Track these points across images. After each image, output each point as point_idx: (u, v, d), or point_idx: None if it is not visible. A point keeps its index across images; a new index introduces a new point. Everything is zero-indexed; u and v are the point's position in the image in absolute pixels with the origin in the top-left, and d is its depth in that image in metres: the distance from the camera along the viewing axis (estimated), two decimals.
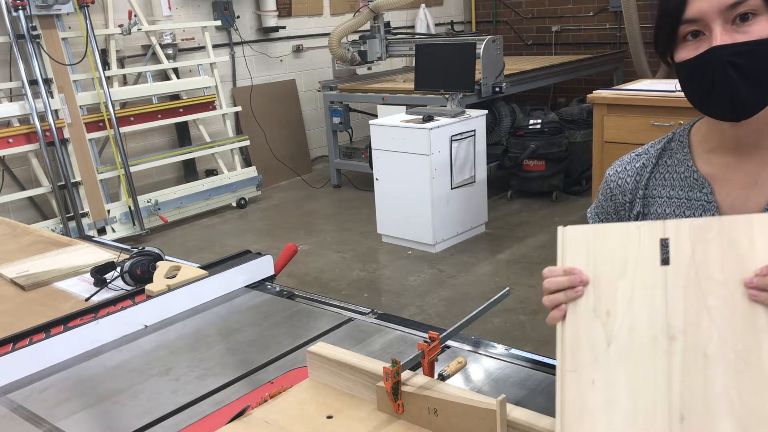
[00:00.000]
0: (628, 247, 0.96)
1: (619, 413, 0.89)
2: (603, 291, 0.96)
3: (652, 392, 0.88)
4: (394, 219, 4.89)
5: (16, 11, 4.76)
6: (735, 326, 0.88)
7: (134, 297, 1.75)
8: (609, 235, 0.98)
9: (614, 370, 0.91)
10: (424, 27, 7.74)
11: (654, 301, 0.92)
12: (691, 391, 0.87)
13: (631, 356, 0.91)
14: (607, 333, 0.93)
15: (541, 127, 5.72)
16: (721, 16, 0.97)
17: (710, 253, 0.92)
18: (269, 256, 1.95)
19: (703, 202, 1.08)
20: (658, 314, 0.92)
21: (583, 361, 0.93)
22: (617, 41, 7.74)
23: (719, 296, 0.89)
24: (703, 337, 0.88)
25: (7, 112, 4.89)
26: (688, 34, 1.01)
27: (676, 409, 0.87)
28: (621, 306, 0.94)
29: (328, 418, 1.19)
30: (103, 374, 1.47)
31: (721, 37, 0.97)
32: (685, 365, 0.88)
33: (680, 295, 0.91)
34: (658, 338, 0.90)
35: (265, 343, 1.54)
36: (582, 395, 0.91)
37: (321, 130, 7.23)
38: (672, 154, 1.16)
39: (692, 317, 0.90)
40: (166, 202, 5.52)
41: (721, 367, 0.86)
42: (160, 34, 5.77)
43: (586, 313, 0.96)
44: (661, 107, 3.89)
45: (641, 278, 0.94)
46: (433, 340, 1.22)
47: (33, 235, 2.42)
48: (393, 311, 2.81)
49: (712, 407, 0.85)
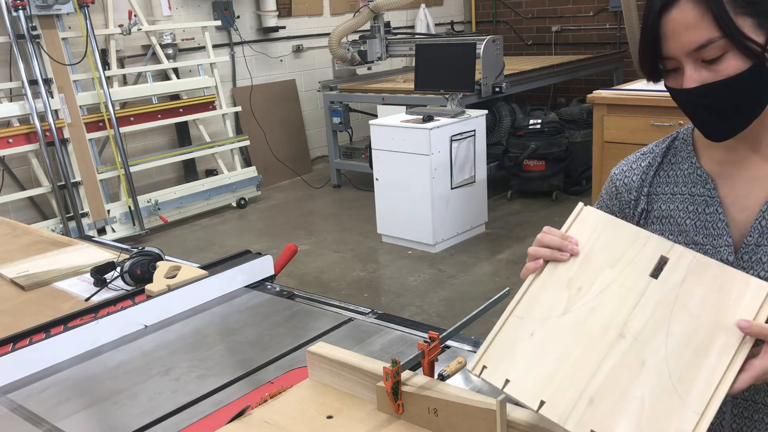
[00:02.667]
0: (629, 248, 1.00)
1: (539, 371, 0.93)
2: (586, 270, 1.00)
3: (577, 368, 0.92)
4: (394, 219, 4.89)
5: (16, 11, 4.76)
6: (684, 355, 0.91)
7: (134, 297, 1.75)
8: (619, 230, 1.03)
9: (556, 335, 0.96)
10: (424, 27, 7.74)
11: (625, 300, 0.96)
12: (613, 384, 0.90)
13: (578, 332, 0.95)
14: (569, 304, 0.98)
15: (541, 127, 5.71)
16: (690, 57, 1.00)
17: (697, 288, 0.95)
18: (269, 256, 1.94)
19: (706, 198, 1.10)
20: (622, 312, 0.95)
21: (533, 314, 0.98)
22: (617, 41, 7.74)
23: (684, 325, 0.93)
24: (649, 349, 0.92)
25: (7, 112, 4.89)
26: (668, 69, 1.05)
27: (591, 391, 0.90)
28: (594, 289, 0.98)
29: (328, 418, 1.19)
30: (103, 374, 1.47)
31: (690, 77, 1.00)
32: (620, 363, 0.91)
33: (651, 306, 0.95)
34: (610, 330, 0.94)
35: (265, 343, 1.54)
36: (515, 340, 0.96)
37: (321, 130, 7.23)
38: (676, 152, 1.18)
39: (650, 329, 0.93)
40: (166, 202, 5.52)
41: (652, 379, 0.90)
42: (160, 34, 5.77)
43: (561, 279, 1.00)
44: (661, 107, 3.89)
45: (626, 277, 0.98)
46: (433, 340, 1.22)
47: (33, 235, 2.42)
48: (393, 311, 2.81)
49: (622, 405, 0.89)
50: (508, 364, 0.95)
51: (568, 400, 0.90)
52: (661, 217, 1.15)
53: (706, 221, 1.09)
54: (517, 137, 5.75)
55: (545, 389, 0.92)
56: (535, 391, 0.92)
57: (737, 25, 0.95)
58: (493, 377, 0.95)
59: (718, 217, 1.08)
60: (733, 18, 0.95)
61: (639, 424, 0.87)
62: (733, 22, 0.95)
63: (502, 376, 0.95)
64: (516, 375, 0.94)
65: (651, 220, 1.17)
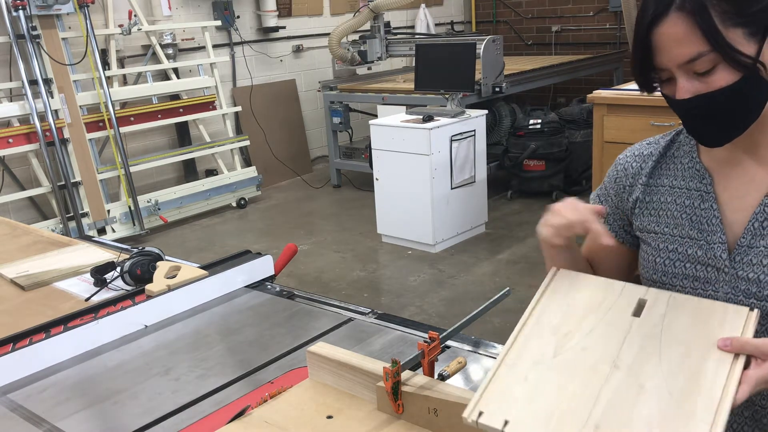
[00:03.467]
0: (607, 295, 1.06)
1: (537, 408, 0.93)
2: (570, 317, 1.04)
3: (576, 401, 0.92)
4: (394, 219, 4.89)
5: (16, 11, 4.76)
6: (680, 375, 0.91)
7: (134, 297, 1.75)
8: (593, 283, 1.08)
9: (550, 375, 0.97)
10: (424, 27, 7.74)
11: (612, 338, 0.99)
12: (615, 409, 0.90)
13: (572, 369, 0.97)
14: (558, 347, 1.00)
15: (541, 127, 5.71)
16: (681, 69, 1.01)
17: (680, 319, 0.98)
18: (269, 256, 1.94)
19: (702, 192, 1.10)
20: (610, 349, 0.98)
21: (524, 361, 1.00)
22: (617, 41, 7.74)
23: (676, 350, 0.95)
24: (646, 373, 0.93)
25: (7, 112, 4.89)
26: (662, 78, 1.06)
27: (595, 419, 0.90)
28: (581, 332, 1.01)
29: (328, 418, 1.19)
30: (103, 374, 1.47)
31: (683, 88, 1.02)
32: (618, 390, 0.92)
33: (638, 341, 0.98)
34: (603, 365, 0.96)
35: (265, 343, 1.54)
36: (511, 386, 0.97)
37: (321, 130, 7.23)
38: (679, 146, 1.18)
39: (642, 357, 0.96)
40: (166, 202, 5.52)
41: (654, 400, 0.90)
42: (160, 34, 5.77)
43: (546, 328, 1.03)
44: (661, 107, 3.88)
45: (609, 319, 1.02)
46: (433, 340, 1.22)
47: (33, 235, 2.42)
48: (393, 311, 2.81)
49: (630, 427, 0.88)
50: (506, 406, 0.95)
51: (573, 430, 0.90)
52: (658, 209, 1.16)
53: (700, 216, 1.10)
54: (517, 137, 5.75)
55: (547, 425, 0.91)
56: (537, 429, 0.92)
57: (726, 38, 0.96)
58: (491, 420, 0.94)
59: (712, 213, 1.08)
60: (722, 31, 0.95)
61: None
62: (722, 36, 0.95)
63: (501, 418, 0.94)
64: (515, 415, 0.93)
65: (647, 212, 1.17)
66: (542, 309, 1.08)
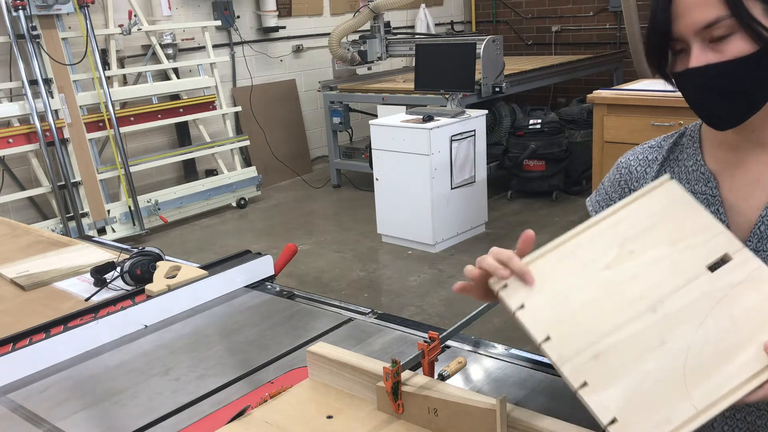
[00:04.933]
0: (698, 234, 0.96)
1: (557, 308, 0.92)
2: (645, 238, 0.96)
3: (596, 321, 0.90)
4: (394, 219, 4.89)
5: (16, 11, 4.76)
6: (707, 351, 0.88)
7: (134, 297, 1.75)
8: (695, 214, 0.98)
9: (588, 284, 0.93)
10: (424, 27, 7.74)
11: (672, 279, 0.93)
12: (624, 350, 0.88)
13: (611, 289, 0.93)
14: (614, 261, 0.95)
15: (541, 127, 5.71)
16: (698, 36, 1.00)
17: (749, 296, 0.91)
18: (269, 256, 1.94)
19: (707, 196, 1.09)
20: (663, 288, 0.92)
21: (574, 259, 0.96)
22: (617, 41, 7.74)
23: (720, 325, 0.89)
24: (675, 332, 0.89)
25: (7, 112, 4.89)
26: (675, 51, 1.05)
27: (599, 347, 0.88)
28: (646, 258, 0.95)
29: (328, 418, 1.19)
30: (103, 374, 1.47)
31: (696, 57, 1.00)
32: (640, 333, 0.89)
33: (694, 295, 0.92)
34: (644, 301, 0.91)
35: (265, 343, 1.54)
36: (546, 273, 0.94)
37: (321, 130, 7.23)
38: (683, 149, 1.17)
39: (684, 315, 0.90)
40: (166, 202, 5.52)
41: (665, 361, 0.87)
42: (160, 34, 5.77)
43: (617, 237, 0.97)
44: (661, 107, 3.89)
45: (682, 259, 0.95)
46: (433, 340, 1.22)
47: (33, 235, 2.42)
48: (393, 311, 2.81)
49: (624, 372, 0.87)
50: (530, 291, 0.93)
51: (574, 346, 0.89)
52: None
53: None
54: (517, 137, 5.75)
55: (556, 327, 0.90)
56: (546, 326, 0.90)
57: (746, 6, 0.96)
58: (510, 298, 0.93)
59: (718, 218, 1.07)
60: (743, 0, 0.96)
61: (633, 396, 0.86)
62: (741, 3, 0.96)
63: (519, 300, 0.93)
64: (533, 304, 0.92)
65: None
66: (627, 215, 1.00)
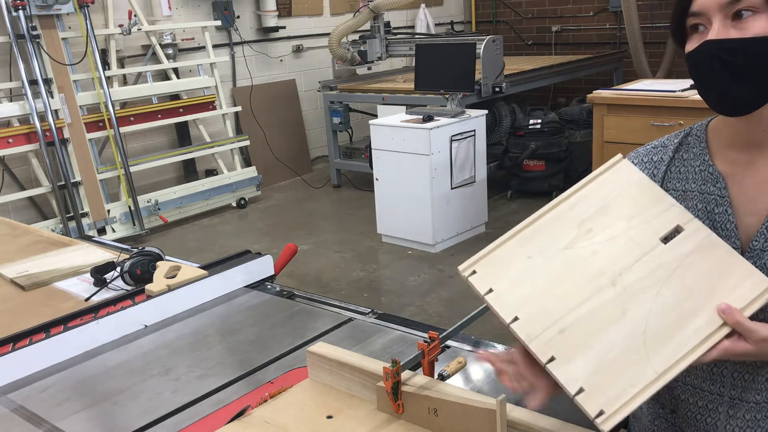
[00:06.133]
0: (651, 208, 1.02)
1: (523, 290, 0.97)
2: (602, 216, 1.02)
3: (560, 298, 0.96)
4: (394, 219, 4.89)
5: (16, 11, 4.76)
6: (665, 318, 0.93)
7: (134, 297, 1.75)
8: (647, 191, 1.04)
9: (551, 265, 0.99)
10: (424, 27, 7.74)
11: (628, 253, 0.99)
12: (587, 323, 0.93)
13: (573, 268, 0.98)
14: (573, 241, 1.00)
15: (541, 127, 5.71)
16: (721, 12, 0.98)
17: (701, 264, 0.97)
18: (269, 256, 1.94)
19: (716, 197, 1.08)
20: (621, 263, 0.98)
21: (536, 242, 1.01)
22: (617, 41, 7.74)
23: (676, 292, 0.95)
24: (634, 303, 0.94)
25: (7, 112, 4.89)
26: (694, 27, 1.03)
27: (564, 323, 0.94)
28: (604, 235, 1.01)
29: (328, 418, 1.19)
30: (103, 374, 1.47)
31: (717, 32, 0.98)
32: (602, 306, 0.94)
33: (650, 266, 0.97)
34: (604, 276, 0.97)
35: (265, 343, 1.54)
36: (512, 258, 1.00)
37: (321, 130, 7.23)
38: (689, 148, 1.15)
39: (642, 285, 0.96)
40: (166, 202, 5.52)
41: (627, 330, 0.92)
42: (160, 34, 5.77)
43: (574, 218, 1.03)
44: (661, 107, 3.89)
45: (637, 233, 1.00)
46: (433, 340, 1.22)
47: (33, 235, 2.42)
48: (393, 311, 2.81)
49: (589, 344, 0.92)
50: (498, 276, 0.99)
51: (540, 323, 0.94)
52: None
53: (714, 221, 1.07)
54: (517, 137, 5.75)
55: (523, 308, 0.96)
56: (513, 307, 0.96)
57: None
58: (479, 283, 0.99)
59: (727, 218, 1.06)
60: None
61: (597, 365, 0.90)
62: None
63: (487, 284, 0.99)
64: (501, 287, 0.98)
65: None
66: (583, 196, 1.05)
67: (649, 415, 1.20)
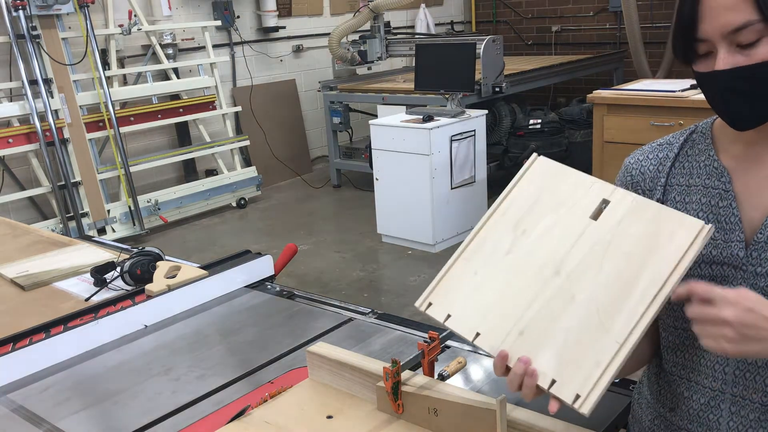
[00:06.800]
0: (574, 192, 1.06)
1: (477, 305, 1.01)
2: (532, 214, 1.06)
3: (512, 303, 0.99)
4: (394, 219, 4.89)
5: (16, 11, 4.76)
6: (611, 290, 0.96)
7: (134, 297, 1.75)
8: (567, 177, 1.09)
9: (497, 273, 1.02)
10: (424, 27, 7.74)
11: (564, 241, 1.02)
12: (542, 318, 0.97)
13: (517, 270, 1.01)
14: (512, 245, 1.04)
15: (541, 127, 5.71)
16: (725, 39, 0.98)
17: (633, 227, 1.00)
18: (269, 256, 1.94)
19: (720, 191, 1.08)
20: (560, 252, 1.01)
21: (479, 256, 1.05)
22: (617, 41, 7.74)
23: (616, 263, 0.98)
24: (580, 285, 0.98)
25: (7, 112, 4.89)
26: (700, 52, 1.04)
27: (522, 324, 0.97)
28: (537, 231, 1.04)
29: (328, 418, 1.19)
30: (103, 374, 1.47)
31: (723, 60, 0.99)
32: (552, 297, 0.98)
33: (587, 246, 1.00)
34: (547, 268, 1.00)
35: (265, 343, 1.54)
36: (461, 279, 1.04)
37: (321, 130, 7.23)
38: (694, 144, 1.16)
39: (583, 267, 0.99)
40: (166, 202, 5.52)
41: (580, 313, 0.95)
42: (160, 34, 5.77)
43: (508, 223, 1.06)
44: (661, 107, 3.89)
45: (568, 220, 1.04)
46: (433, 340, 1.22)
47: (33, 235, 2.42)
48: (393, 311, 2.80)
49: (548, 336, 0.95)
50: (452, 300, 1.02)
51: (500, 332, 0.97)
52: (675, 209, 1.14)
53: (719, 215, 1.08)
54: (517, 137, 5.75)
55: (482, 322, 0.99)
56: (473, 324, 0.99)
57: None
58: (437, 313, 1.03)
59: (731, 212, 1.07)
60: None
61: (561, 354, 0.93)
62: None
63: (444, 311, 1.02)
64: (457, 310, 1.01)
65: None
66: (510, 202, 1.09)
67: (649, 415, 1.20)
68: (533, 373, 0.95)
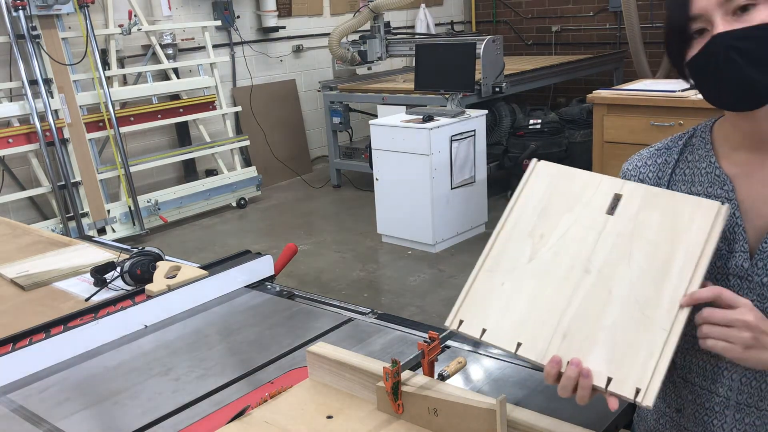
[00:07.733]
0: (584, 191, 1.06)
1: (512, 316, 0.99)
2: (546, 218, 1.05)
3: (548, 307, 0.97)
4: (394, 219, 4.89)
5: (16, 11, 4.76)
6: (647, 279, 0.96)
7: (134, 297, 1.75)
8: (573, 177, 1.08)
9: (525, 282, 1.01)
10: (424, 27, 7.74)
11: (586, 239, 1.01)
12: (584, 317, 0.96)
13: (545, 274, 1.00)
14: (533, 251, 1.03)
15: (541, 127, 5.71)
16: (721, 9, 0.98)
17: (652, 216, 1.00)
18: (269, 256, 1.94)
19: (723, 199, 1.05)
20: (584, 250, 1.00)
21: (501, 266, 1.04)
22: (617, 41, 7.74)
23: (644, 252, 0.98)
24: (615, 278, 0.97)
25: (7, 112, 4.89)
26: (695, 33, 1.02)
27: (563, 327, 0.95)
28: (556, 234, 1.03)
29: (328, 418, 1.19)
30: (103, 374, 1.47)
31: (721, 25, 0.98)
32: (588, 295, 0.97)
33: (611, 240, 1.00)
34: (576, 268, 0.99)
35: (265, 343, 1.54)
36: (488, 292, 1.02)
37: (321, 130, 7.23)
38: (693, 150, 1.14)
39: (613, 260, 0.99)
40: (166, 202, 5.52)
41: (620, 307, 0.95)
42: (160, 34, 5.77)
43: (523, 231, 1.05)
44: (661, 107, 3.89)
45: (584, 218, 1.03)
46: (433, 340, 1.22)
47: (33, 235, 2.42)
48: (393, 311, 2.81)
49: (595, 335, 0.94)
50: (483, 314, 1.00)
51: (543, 338, 0.96)
52: None
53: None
54: (517, 137, 5.75)
55: (521, 332, 0.97)
56: (512, 335, 0.98)
57: None
58: (470, 329, 1.01)
59: (734, 221, 1.04)
60: None
61: (610, 351, 0.92)
62: None
63: (478, 327, 1.00)
64: (491, 323, 0.99)
65: None
66: (520, 209, 1.08)
67: (654, 414, 1.20)
68: (588, 373, 0.93)
